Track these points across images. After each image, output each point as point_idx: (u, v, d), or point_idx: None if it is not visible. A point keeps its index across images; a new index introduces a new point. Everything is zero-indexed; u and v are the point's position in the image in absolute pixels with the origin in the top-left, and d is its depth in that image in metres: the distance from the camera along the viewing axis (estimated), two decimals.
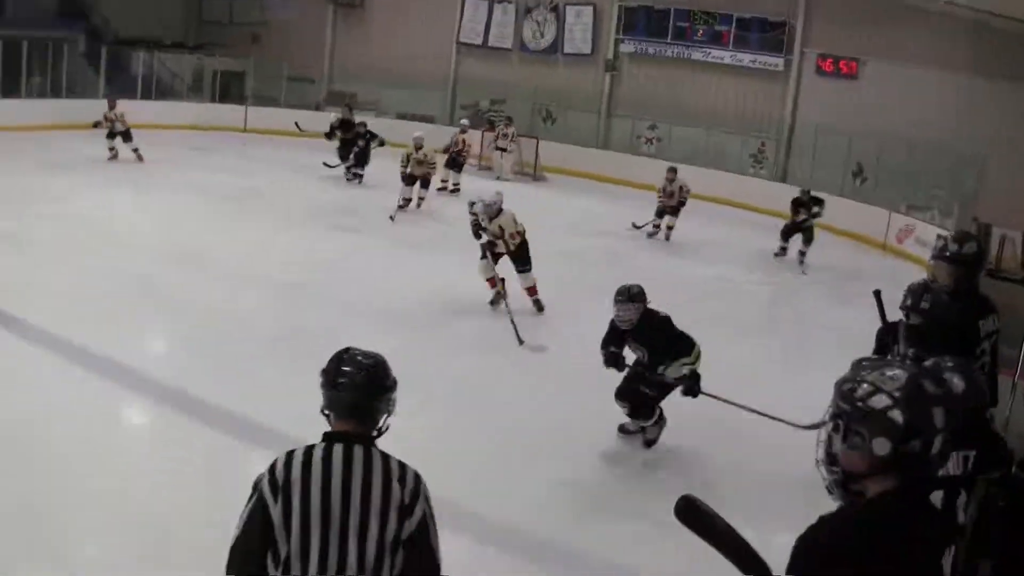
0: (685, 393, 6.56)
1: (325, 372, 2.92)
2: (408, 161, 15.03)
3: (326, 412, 2.91)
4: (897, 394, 2.22)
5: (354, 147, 17.32)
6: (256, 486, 2.75)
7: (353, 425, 2.85)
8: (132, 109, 18.34)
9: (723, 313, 10.69)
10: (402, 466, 2.81)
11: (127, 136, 17.35)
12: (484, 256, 9.94)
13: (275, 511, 2.68)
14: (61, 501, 5.46)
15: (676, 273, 12.46)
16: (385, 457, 2.81)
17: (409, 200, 15.16)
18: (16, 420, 6.42)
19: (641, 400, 6.70)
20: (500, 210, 9.84)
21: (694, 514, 2.47)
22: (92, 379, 7.35)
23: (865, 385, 2.26)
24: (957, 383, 3.33)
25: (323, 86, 25.82)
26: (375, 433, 2.89)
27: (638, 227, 14.73)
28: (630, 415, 6.81)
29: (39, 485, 5.58)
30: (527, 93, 22.68)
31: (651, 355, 6.61)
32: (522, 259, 9.94)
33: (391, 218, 14.19)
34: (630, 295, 6.61)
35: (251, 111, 23.81)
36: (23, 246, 11.01)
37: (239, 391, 7.21)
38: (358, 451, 2.77)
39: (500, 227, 9.80)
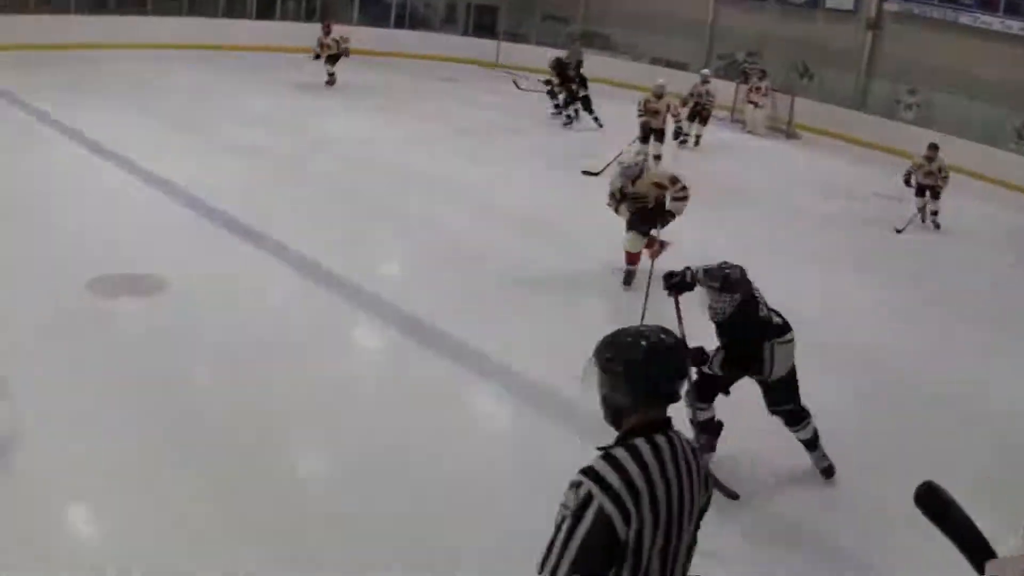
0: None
1: (627, 360, 2.44)
2: (644, 109, 14.00)
3: (622, 403, 2.47)
4: None
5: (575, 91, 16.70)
6: (585, 502, 2.28)
7: (661, 411, 2.47)
8: (384, 39, 18.66)
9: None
10: (688, 442, 2.51)
11: (335, 59, 17.53)
12: (631, 228, 8.40)
13: (624, 528, 2.28)
14: (284, 410, 5.58)
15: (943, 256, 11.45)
16: (681, 438, 2.48)
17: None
18: (255, 333, 6.65)
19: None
20: (641, 171, 8.24)
21: (934, 500, 2.42)
22: (335, 301, 7.52)
23: None
24: None
25: (577, 26, 25.54)
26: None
27: (900, 231, 12.15)
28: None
29: (275, 402, 5.73)
30: (783, 47, 21.49)
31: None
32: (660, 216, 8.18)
33: (590, 173, 12.21)
34: (727, 282, 5.05)
35: (503, 47, 23.90)
36: (263, 159, 11.52)
37: (473, 320, 7.22)
38: (675, 439, 2.43)
39: (651, 183, 8.19)
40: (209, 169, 10.83)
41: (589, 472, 2.32)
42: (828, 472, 5.49)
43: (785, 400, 5.32)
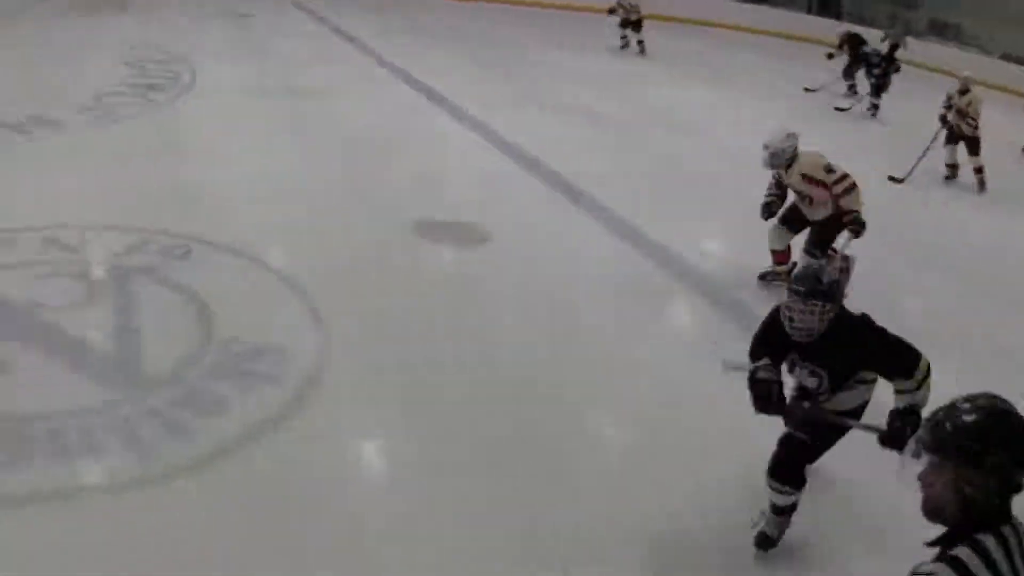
0: (886, 443, 3.58)
1: (1012, 447, 2.00)
2: (950, 107, 10.71)
3: (980, 497, 2.02)
4: None
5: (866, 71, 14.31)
6: None
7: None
8: (713, 7, 17.92)
9: None
10: None
11: (637, 26, 17.10)
12: (770, 215, 6.81)
13: None
14: (596, 375, 5.27)
15: None
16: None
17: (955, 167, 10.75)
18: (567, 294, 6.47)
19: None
20: (794, 156, 6.53)
21: None
22: (651, 269, 7.16)
23: None
24: None
25: (924, 13, 23.52)
26: None
27: None
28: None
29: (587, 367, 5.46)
30: None
31: (832, 380, 3.82)
32: (822, 240, 6.58)
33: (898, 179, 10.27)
34: (816, 289, 3.63)
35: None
36: (598, 123, 11.34)
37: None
38: (1020, 528, 2.04)
39: (800, 176, 6.52)
40: (539, 126, 10.81)
41: None
42: None
43: None
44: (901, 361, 3.61)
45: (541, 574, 3.74)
